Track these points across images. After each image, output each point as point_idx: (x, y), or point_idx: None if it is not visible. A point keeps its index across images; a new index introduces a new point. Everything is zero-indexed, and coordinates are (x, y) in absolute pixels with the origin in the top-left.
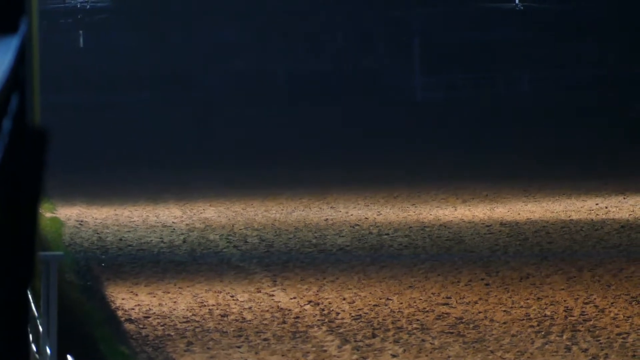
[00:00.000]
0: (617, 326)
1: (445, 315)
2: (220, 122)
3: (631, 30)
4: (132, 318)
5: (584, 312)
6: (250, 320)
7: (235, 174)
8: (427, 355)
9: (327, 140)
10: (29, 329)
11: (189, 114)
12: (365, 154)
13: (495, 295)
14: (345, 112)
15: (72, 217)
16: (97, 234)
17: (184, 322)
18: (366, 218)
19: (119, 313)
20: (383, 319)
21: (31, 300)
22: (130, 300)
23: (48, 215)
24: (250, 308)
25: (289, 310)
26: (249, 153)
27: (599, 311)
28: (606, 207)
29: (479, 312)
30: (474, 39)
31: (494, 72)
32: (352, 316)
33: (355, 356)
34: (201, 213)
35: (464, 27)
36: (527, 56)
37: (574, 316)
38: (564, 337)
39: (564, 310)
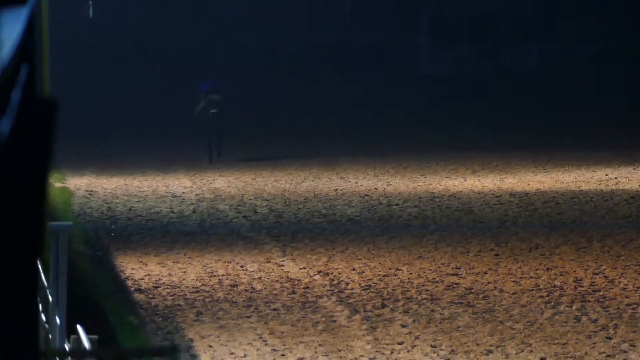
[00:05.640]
0: (627, 297)
1: (455, 285)
2: (227, 94)
3: (637, 4)
4: (142, 288)
5: (593, 282)
6: (259, 291)
7: (244, 145)
8: (436, 326)
9: (334, 114)
10: (38, 299)
11: (196, 86)
12: (373, 126)
13: (505, 266)
14: (352, 86)
15: (81, 187)
16: (107, 204)
17: (193, 292)
18: (376, 188)
19: (129, 283)
20: (392, 289)
21: (41, 271)
22: (140, 270)
23: (57, 185)
24: (259, 278)
25: (299, 280)
26: (257, 125)
27: (608, 282)
28: (616, 178)
29: (489, 283)
30: (482, 12)
31: (502, 46)
32: (362, 286)
33: (364, 326)
34: (211, 183)
35: (472, 0)
36: (534, 30)
37: (583, 287)
38: (574, 307)
39: (574, 281)
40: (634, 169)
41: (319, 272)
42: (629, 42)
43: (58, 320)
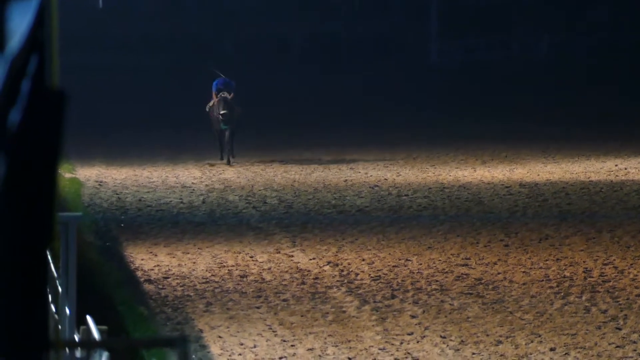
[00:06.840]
0: (637, 287)
1: (465, 276)
2: (236, 85)
3: None
4: (152, 279)
5: (603, 273)
6: (269, 281)
7: (254, 135)
8: (446, 316)
9: (343, 104)
10: (48, 290)
11: (205, 76)
12: (383, 117)
13: (515, 256)
14: (361, 76)
15: (91, 177)
16: (117, 194)
17: (203, 283)
18: (385, 179)
19: (138, 273)
20: (402, 280)
21: (50, 261)
22: (150, 260)
23: (67, 175)
24: (269, 269)
25: (308, 271)
26: (267, 115)
27: (618, 272)
28: (625, 169)
29: (498, 273)
30: (492, 2)
31: (512, 36)
32: (371, 277)
33: (374, 317)
34: (220, 174)
35: None
36: (545, 20)
37: (593, 277)
38: (583, 298)
39: (583, 272)
40: None
41: (329, 262)
42: (637, 34)
43: (68, 311)
